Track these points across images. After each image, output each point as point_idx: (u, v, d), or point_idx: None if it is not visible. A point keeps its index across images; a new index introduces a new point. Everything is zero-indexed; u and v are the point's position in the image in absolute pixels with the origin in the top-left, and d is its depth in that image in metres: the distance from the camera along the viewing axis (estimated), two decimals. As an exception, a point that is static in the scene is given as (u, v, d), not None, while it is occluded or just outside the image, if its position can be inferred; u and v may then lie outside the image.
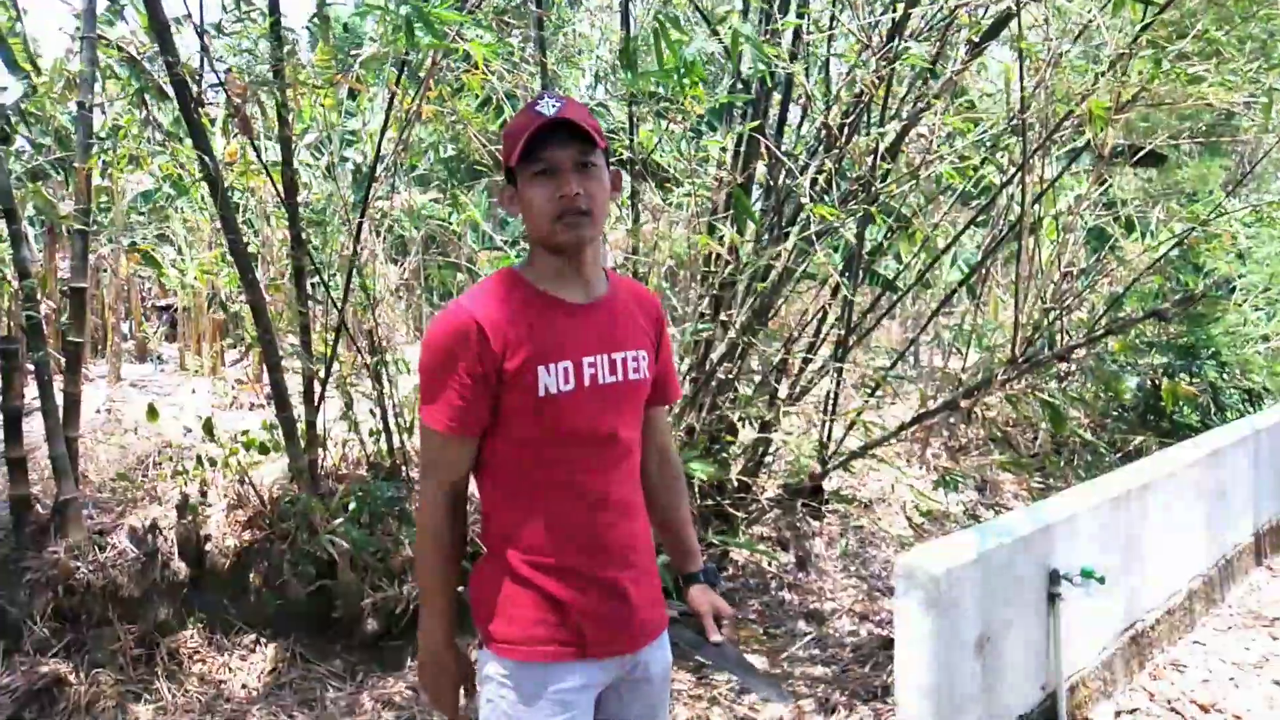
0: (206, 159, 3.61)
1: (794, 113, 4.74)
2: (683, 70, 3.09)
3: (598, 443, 1.53)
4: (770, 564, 4.77)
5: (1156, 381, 6.31)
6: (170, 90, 3.71)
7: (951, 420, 5.46)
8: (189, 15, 3.86)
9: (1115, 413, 6.75)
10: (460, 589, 1.59)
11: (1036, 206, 4.25)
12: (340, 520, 3.73)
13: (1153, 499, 3.62)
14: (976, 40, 3.98)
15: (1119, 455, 6.16)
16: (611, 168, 1.56)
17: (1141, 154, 4.71)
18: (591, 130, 1.45)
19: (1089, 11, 4.09)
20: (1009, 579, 2.76)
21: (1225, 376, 6.43)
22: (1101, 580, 2.87)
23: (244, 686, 3.57)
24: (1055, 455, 6.45)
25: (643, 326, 1.64)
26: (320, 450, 4.03)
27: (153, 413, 4.11)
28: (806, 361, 4.65)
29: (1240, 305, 6.62)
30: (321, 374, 3.95)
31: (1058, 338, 4.24)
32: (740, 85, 4.35)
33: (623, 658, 1.56)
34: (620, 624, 1.55)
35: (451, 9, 2.93)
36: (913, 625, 2.49)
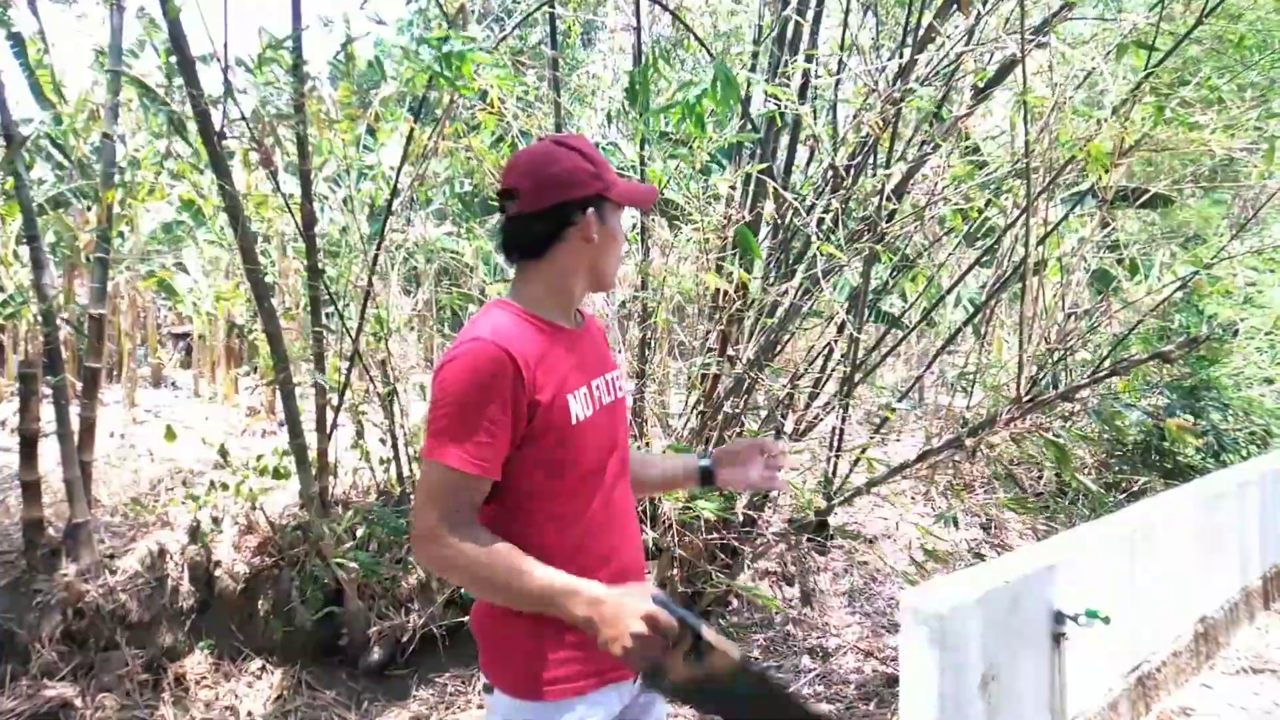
0: (228, 190, 3.69)
1: (801, 153, 4.83)
2: (690, 106, 3.16)
3: (612, 461, 1.57)
4: (774, 599, 4.76)
5: (1160, 422, 6.32)
6: (192, 123, 3.81)
7: (956, 458, 5.48)
8: (213, 52, 3.97)
9: (1119, 453, 6.75)
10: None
11: (1040, 248, 4.31)
12: (349, 546, 3.75)
13: (1159, 540, 3.63)
14: (981, 86, 4.06)
15: (1123, 495, 6.15)
16: None
17: (1145, 197, 4.78)
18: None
19: (1092, 59, 4.19)
20: (1014, 618, 2.77)
21: (1229, 418, 6.43)
22: (1107, 621, 2.87)
23: (249, 713, 3.58)
24: (1060, 495, 6.45)
25: (609, 347, 1.74)
26: (331, 478, 4.06)
27: (170, 433, 4.15)
28: (812, 397, 4.69)
29: (1244, 348, 6.64)
30: (334, 402, 3.99)
31: (1062, 377, 4.27)
32: (749, 125, 4.43)
33: (636, 680, 1.57)
34: None
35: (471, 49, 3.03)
36: (918, 662, 2.50)
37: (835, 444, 4.74)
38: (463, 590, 3.94)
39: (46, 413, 3.85)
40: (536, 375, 1.44)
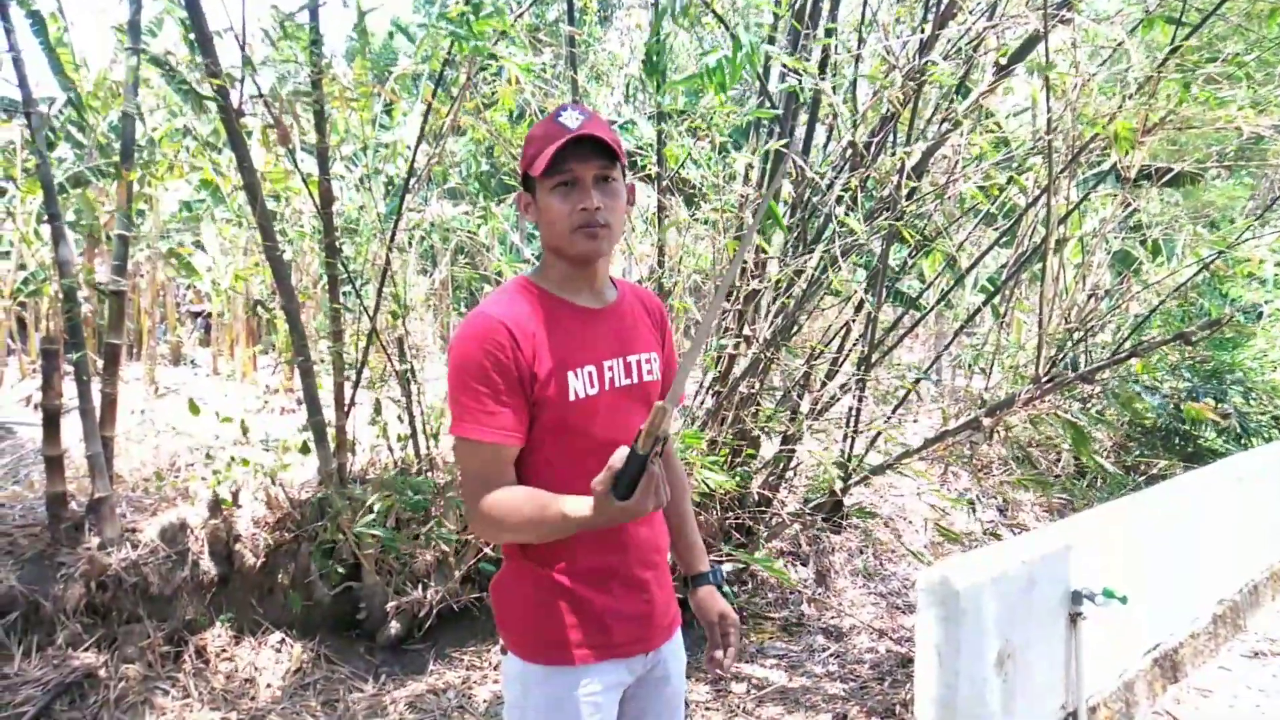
0: (246, 168, 3.70)
1: (820, 133, 4.78)
2: (710, 72, 3.12)
3: (619, 444, 1.55)
4: (787, 573, 4.78)
5: (1180, 405, 6.27)
6: (211, 101, 3.81)
7: (973, 439, 5.45)
8: (230, 27, 3.96)
9: (1138, 436, 6.70)
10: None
11: (1061, 227, 4.26)
12: (369, 519, 3.78)
13: (1177, 522, 3.61)
14: (1004, 62, 4.01)
15: (1143, 478, 6.12)
16: (628, 182, 1.58)
17: (1169, 176, 4.71)
18: (613, 145, 1.47)
19: (1117, 35, 4.12)
20: (1030, 596, 2.77)
21: (1251, 402, 6.37)
22: (1124, 601, 2.86)
23: (269, 685, 3.63)
24: (1078, 478, 6.41)
25: (650, 329, 1.67)
26: (349, 454, 4.09)
27: (194, 407, 4.18)
28: (830, 377, 4.67)
29: (1268, 330, 6.56)
30: (352, 380, 4.02)
31: (1081, 359, 4.24)
32: (767, 102, 4.40)
33: (645, 656, 1.60)
34: (645, 621, 1.59)
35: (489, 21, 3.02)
36: (934, 640, 2.50)
37: (852, 424, 4.73)
38: (481, 564, 3.98)
39: (69, 389, 3.89)
40: (534, 346, 1.46)
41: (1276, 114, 4.31)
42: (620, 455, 1.28)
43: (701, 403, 4.42)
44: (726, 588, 4.54)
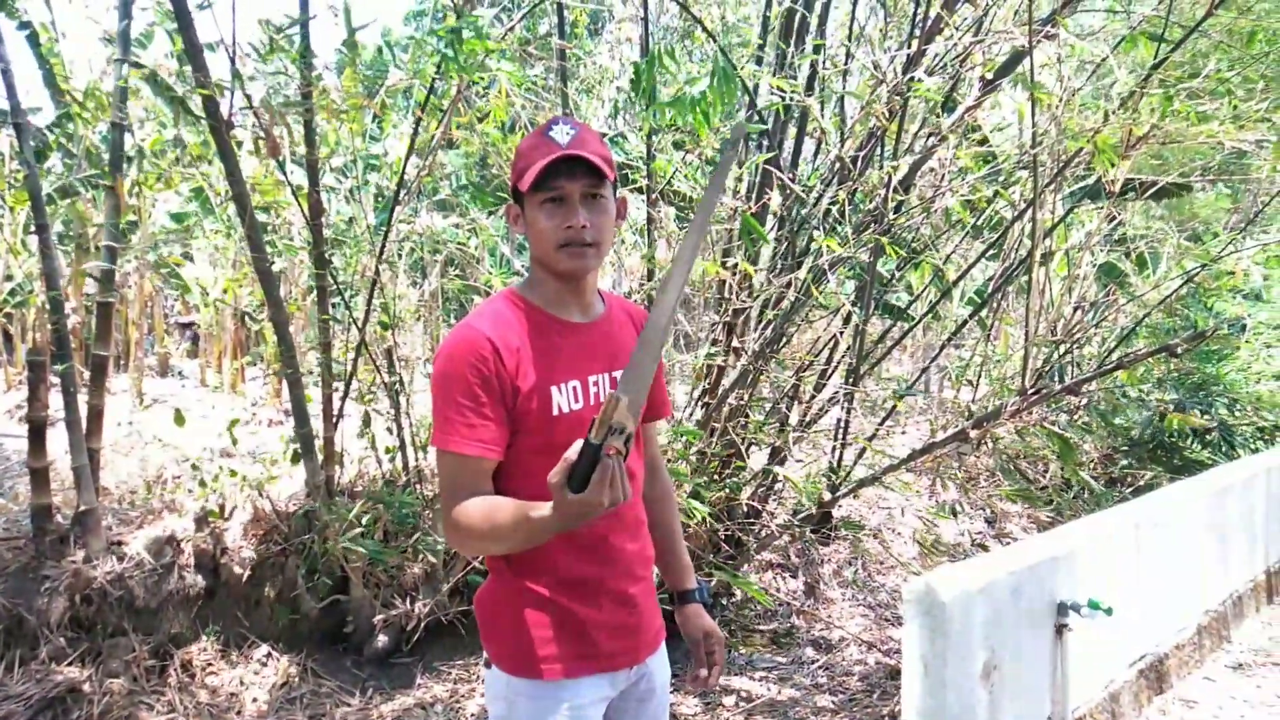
0: (235, 179, 3.70)
1: (808, 146, 4.82)
2: (694, 102, 3.16)
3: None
4: (778, 590, 4.78)
5: (1165, 415, 6.32)
6: (200, 112, 3.81)
7: (961, 451, 5.48)
8: (221, 40, 3.97)
9: (1125, 448, 6.74)
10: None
11: (1048, 240, 4.30)
12: (356, 532, 3.77)
13: (1162, 533, 3.62)
14: (990, 77, 4.05)
15: (1129, 490, 6.15)
16: (618, 195, 1.58)
17: (1154, 189, 4.76)
18: (602, 163, 1.46)
19: (1101, 50, 4.17)
20: (1017, 608, 2.77)
21: (1237, 413, 6.42)
22: (1109, 612, 2.87)
23: (255, 700, 3.60)
24: (1065, 490, 6.45)
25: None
26: (337, 467, 4.08)
27: (179, 418, 4.16)
28: (818, 389, 4.69)
29: (1252, 342, 6.63)
30: (340, 391, 4.01)
31: (1068, 371, 4.27)
32: (756, 117, 4.43)
33: (630, 670, 1.60)
34: (631, 634, 1.59)
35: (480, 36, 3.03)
36: (920, 651, 2.51)
37: (840, 436, 4.74)
38: (469, 577, 3.97)
39: (55, 400, 3.87)
40: (518, 361, 1.46)
41: (1257, 129, 4.37)
42: (575, 448, 1.24)
43: (690, 415, 4.43)
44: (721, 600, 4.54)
